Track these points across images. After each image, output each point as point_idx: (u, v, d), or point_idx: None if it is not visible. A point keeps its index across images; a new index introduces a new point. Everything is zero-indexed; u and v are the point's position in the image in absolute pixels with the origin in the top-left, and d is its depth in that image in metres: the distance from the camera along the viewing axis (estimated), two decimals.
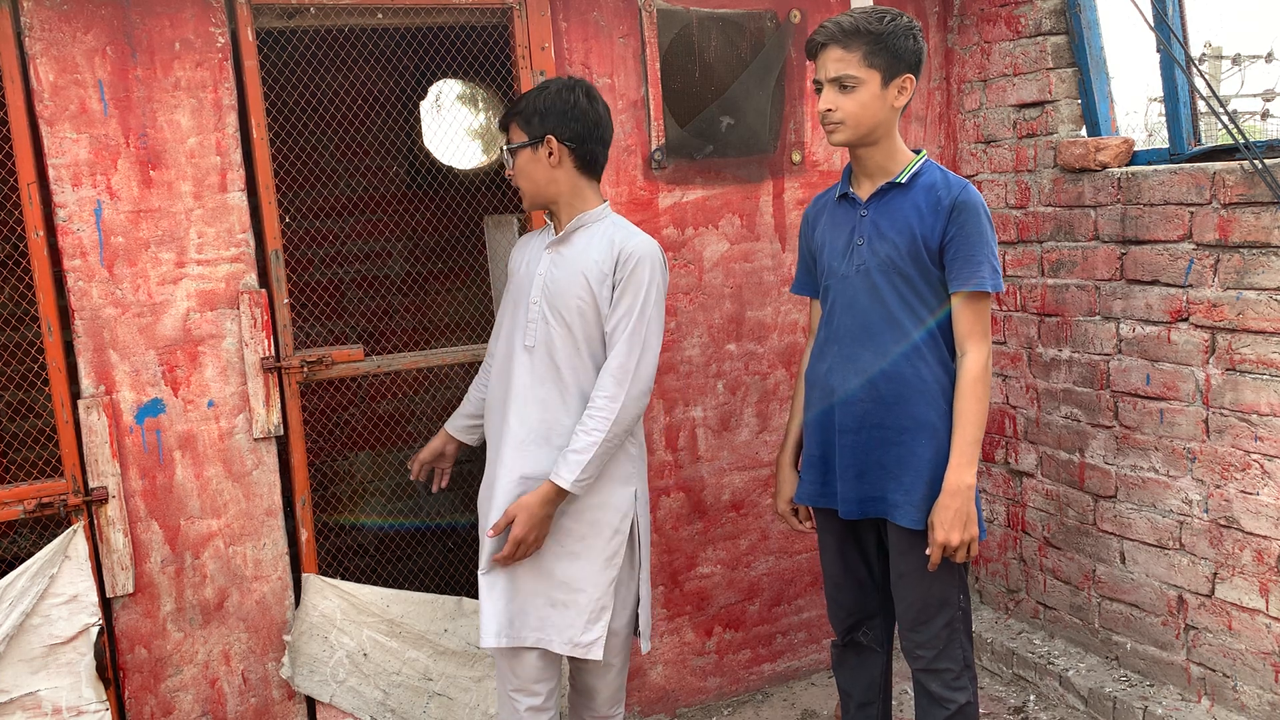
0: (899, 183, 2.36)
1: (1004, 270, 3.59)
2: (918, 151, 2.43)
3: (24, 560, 2.58)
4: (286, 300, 2.81)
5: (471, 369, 2.94)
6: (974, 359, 2.31)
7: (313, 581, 2.86)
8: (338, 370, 2.86)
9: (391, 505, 4.51)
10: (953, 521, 2.29)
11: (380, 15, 2.83)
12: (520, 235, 3.19)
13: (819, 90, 2.36)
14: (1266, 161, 2.74)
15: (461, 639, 2.96)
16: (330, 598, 2.86)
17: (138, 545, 2.71)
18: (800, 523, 2.67)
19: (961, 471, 2.29)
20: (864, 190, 2.43)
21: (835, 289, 2.45)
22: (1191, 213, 2.94)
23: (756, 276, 3.43)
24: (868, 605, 2.64)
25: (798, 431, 2.64)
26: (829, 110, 2.32)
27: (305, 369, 2.80)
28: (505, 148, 2.48)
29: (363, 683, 2.90)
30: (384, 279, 4.71)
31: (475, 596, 2.68)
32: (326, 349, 2.86)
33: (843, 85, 2.30)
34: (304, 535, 2.87)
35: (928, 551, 2.35)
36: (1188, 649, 3.09)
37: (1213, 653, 3.01)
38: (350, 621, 2.87)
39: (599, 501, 2.45)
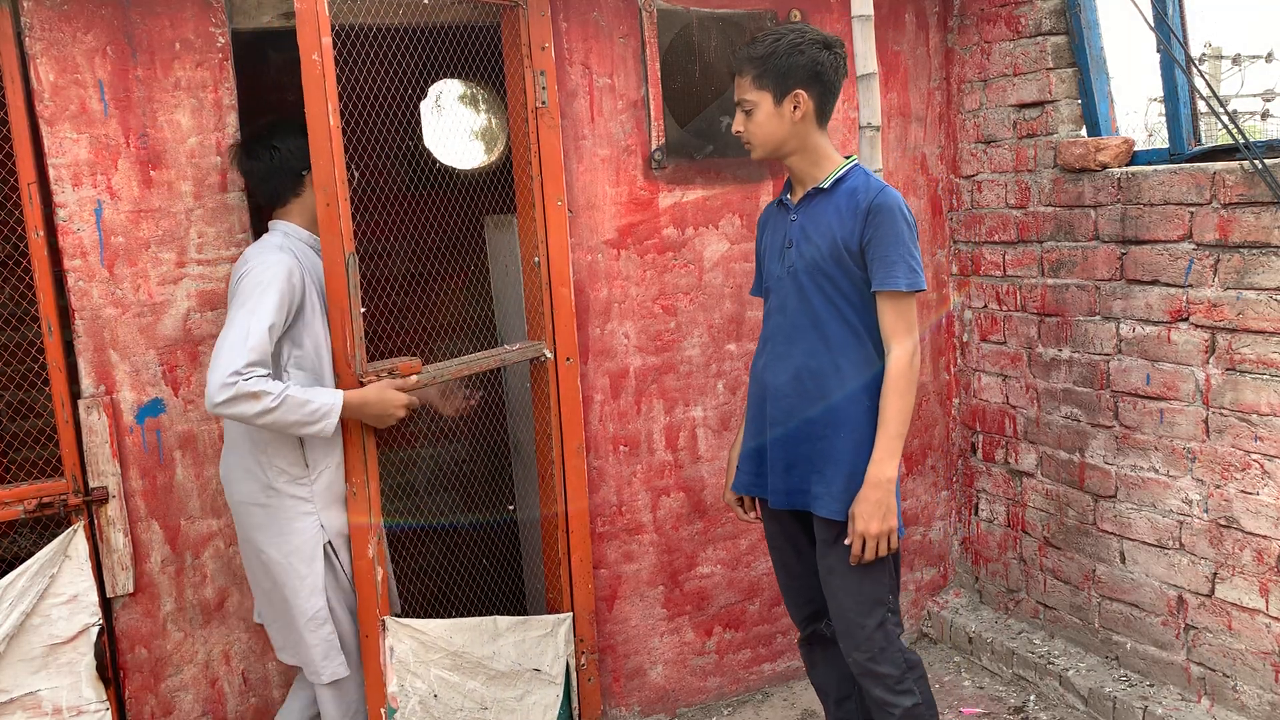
0: (822, 188, 2.47)
1: (1004, 270, 3.59)
2: (850, 157, 2.51)
3: (24, 560, 2.58)
4: (362, 310, 2.51)
5: (495, 373, 2.85)
6: (897, 356, 2.38)
7: (392, 625, 2.69)
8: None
9: (389, 505, 4.50)
10: (871, 512, 2.35)
11: (381, 14, 2.82)
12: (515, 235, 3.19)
13: None
14: (1266, 161, 2.74)
15: (506, 659, 2.93)
16: (404, 639, 2.73)
17: (138, 545, 2.71)
18: (745, 512, 2.73)
19: (882, 465, 2.36)
20: (796, 196, 2.54)
21: (773, 290, 2.59)
22: (1191, 213, 2.94)
23: None
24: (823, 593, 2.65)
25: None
26: (738, 131, 2.50)
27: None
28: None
29: None
30: (385, 279, 4.71)
31: (477, 608, 2.63)
32: (394, 360, 2.64)
33: (743, 108, 2.46)
34: (379, 574, 2.60)
35: (847, 541, 2.40)
36: (1188, 649, 3.09)
37: (1213, 653, 3.01)
38: (420, 662, 2.76)
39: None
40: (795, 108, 2.41)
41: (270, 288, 2.46)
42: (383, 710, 2.65)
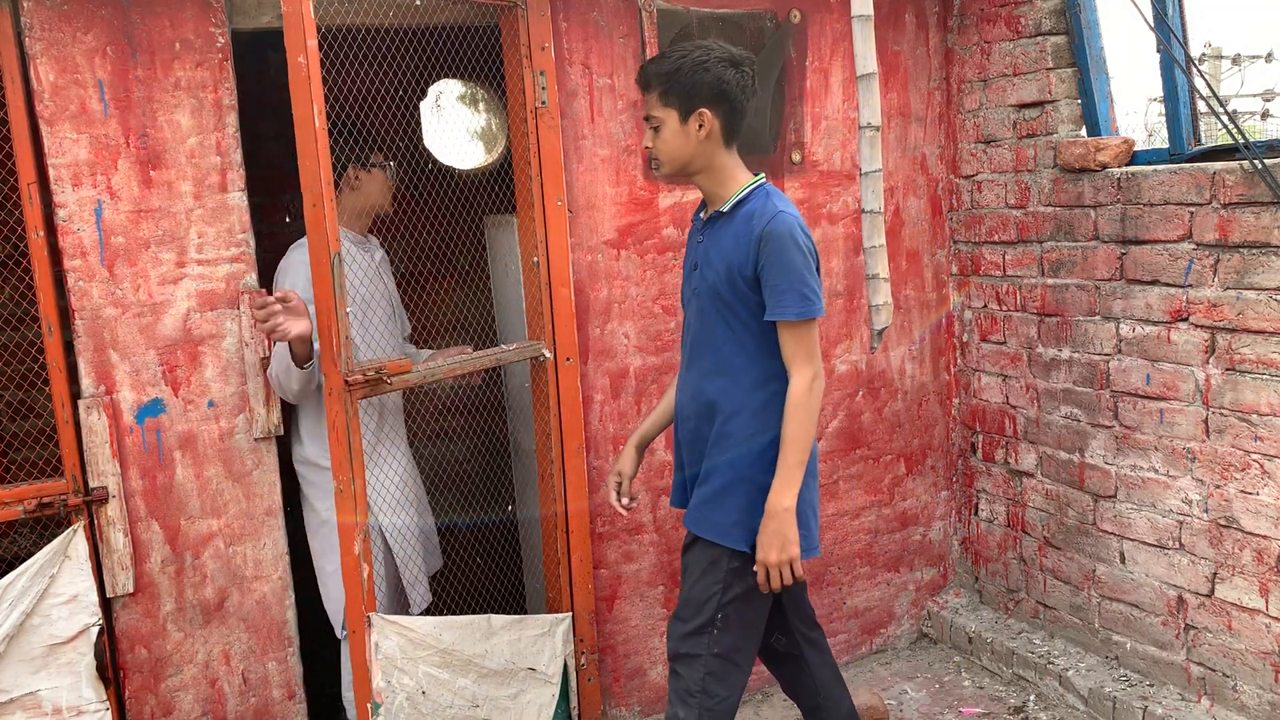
0: (723, 211, 2.44)
1: (1004, 270, 3.59)
2: (758, 175, 2.46)
3: (24, 560, 2.58)
4: (349, 310, 2.56)
5: (495, 373, 2.90)
6: (795, 384, 2.36)
7: (376, 621, 2.71)
8: (395, 384, 2.65)
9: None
10: (769, 542, 2.34)
11: (381, 15, 2.83)
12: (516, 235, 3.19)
13: None
14: (1266, 161, 2.74)
15: (499, 658, 2.92)
16: (391, 636, 2.74)
17: (138, 545, 2.71)
18: (618, 499, 2.72)
19: (779, 495, 2.33)
20: (706, 216, 2.52)
21: (685, 309, 2.59)
22: (1191, 213, 2.95)
23: None
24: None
25: (654, 418, 2.77)
26: (646, 148, 2.47)
27: (367, 384, 2.57)
28: None
29: None
30: None
31: (477, 608, 2.63)
32: (383, 359, 2.68)
33: (651, 125, 2.43)
34: (365, 571, 2.62)
35: (755, 568, 2.40)
36: (1188, 649, 3.09)
37: (1213, 653, 3.02)
38: (408, 659, 2.78)
39: None
40: (700, 126, 2.37)
41: (294, 286, 2.84)
42: (369, 705, 2.66)
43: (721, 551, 2.43)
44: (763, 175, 2.47)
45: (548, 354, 3.08)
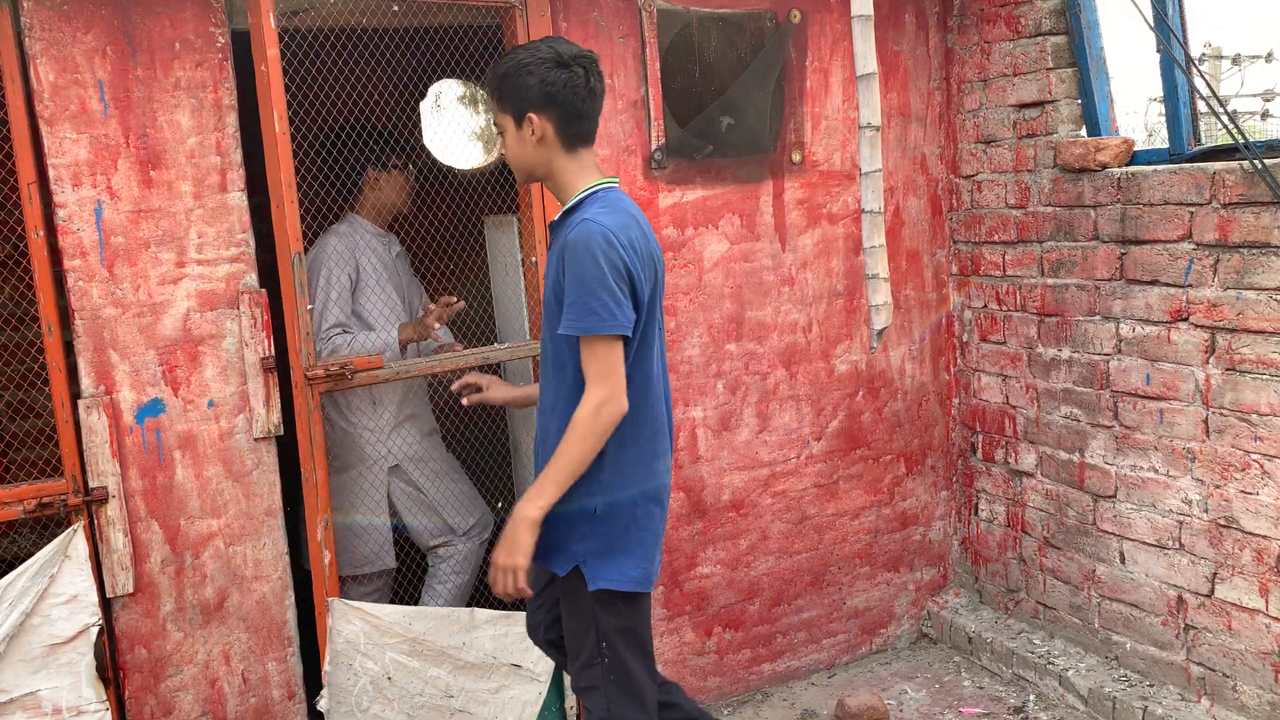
0: (556, 221, 2.36)
1: (1004, 270, 3.59)
2: (606, 180, 2.34)
3: (24, 560, 2.58)
4: (310, 305, 2.70)
5: (495, 373, 2.98)
6: (583, 401, 2.23)
7: (336, 606, 2.77)
8: (359, 379, 2.78)
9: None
10: (501, 544, 2.26)
11: (381, 15, 2.83)
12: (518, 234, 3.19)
13: None
14: (1266, 161, 2.74)
15: (479, 651, 2.93)
16: (354, 621, 2.79)
17: (138, 545, 2.71)
18: (463, 383, 2.73)
19: (527, 503, 2.24)
20: None
21: None
22: (1191, 213, 2.95)
23: (756, 276, 3.43)
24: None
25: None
26: (501, 153, 2.42)
27: (329, 379, 2.70)
28: None
29: (386, 708, 2.84)
30: None
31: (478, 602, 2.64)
32: (351, 355, 2.80)
33: (498, 131, 2.37)
34: (326, 558, 2.74)
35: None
36: (1187, 649, 3.09)
37: (1212, 653, 3.02)
38: (373, 645, 2.80)
39: None
40: (533, 131, 2.27)
41: (321, 270, 3.18)
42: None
43: (575, 583, 2.36)
44: (615, 180, 2.36)
45: None
